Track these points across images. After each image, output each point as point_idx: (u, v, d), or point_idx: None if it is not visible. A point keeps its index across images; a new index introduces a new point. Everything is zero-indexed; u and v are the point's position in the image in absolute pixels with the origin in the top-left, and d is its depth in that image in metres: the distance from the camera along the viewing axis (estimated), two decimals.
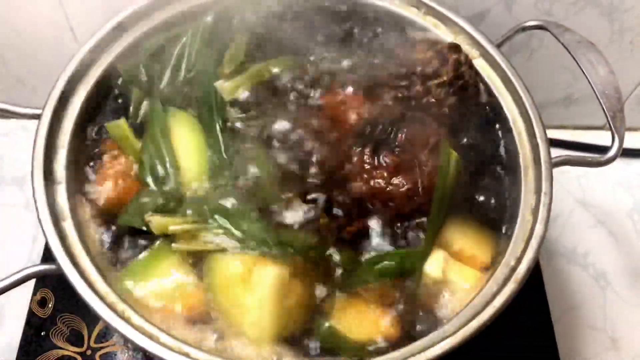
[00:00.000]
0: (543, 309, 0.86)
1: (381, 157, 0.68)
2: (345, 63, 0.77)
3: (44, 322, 0.80)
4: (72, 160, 0.66)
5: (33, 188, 0.61)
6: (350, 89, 0.73)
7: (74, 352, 0.79)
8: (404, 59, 0.73)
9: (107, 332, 0.80)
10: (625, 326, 0.92)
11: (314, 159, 0.67)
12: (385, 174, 0.67)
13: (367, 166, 0.68)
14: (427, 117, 0.71)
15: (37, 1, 0.90)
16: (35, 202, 0.61)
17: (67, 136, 0.66)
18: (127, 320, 0.57)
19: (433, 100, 0.70)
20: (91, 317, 0.81)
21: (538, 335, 0.84)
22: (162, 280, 0.63)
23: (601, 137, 1.10)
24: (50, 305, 0.81)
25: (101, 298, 0.57)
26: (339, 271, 0.64)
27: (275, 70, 0.75)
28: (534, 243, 0.62)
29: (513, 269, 0.61)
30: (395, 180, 0.67)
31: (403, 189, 0.67)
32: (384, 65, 0.74)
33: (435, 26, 0.79)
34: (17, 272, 0.59)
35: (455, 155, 0.68)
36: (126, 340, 0.55)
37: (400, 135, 0.69)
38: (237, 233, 0.64)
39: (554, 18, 0.91)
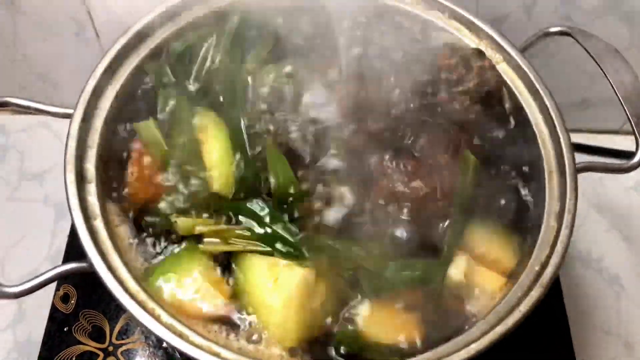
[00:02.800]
0: (561, 313, 0.86)
1: (401, 161, 0.69)
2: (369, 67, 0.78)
3: (67, 318, 0.81)
4: (101, 160, 0.66)
5: (66, 188, 0.62)
6: None
7: (96, 348, 0.79)
8: (428, 65, 0.73)
9: (129, 328, 0.81)
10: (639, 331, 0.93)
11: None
12: (405, 178, 0.68)
13: (388, 170, 0.69)
14: (449, 123, 0.72)
15: None
16: (68, 201, 0.61)
17: (96, 136, 0.67)
18: (157, 319, 0.57)
19: (457, 107, 0.71)
20: (112, 314, 0.81)
21: (556, 340, 0.84)
22: (189, 280, 0.63)
23: (616, 141, 1.11)
24: (72, 301, 0.82)
25: (132, 296, 0.58)
26: (363, 276, 0.65)
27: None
28: (559, 248, 0.63)
29: (538, 274, 0.62)
30: (414, 184, 0.68)
31: (422, 193, 0.67)
32: (408, 71, 0.74)
33: (458, 30, 0.80)
34: (50, 270, 0.59)
35: (474, 160, 0.69)
36: (157, 339, 0.55)
37: (421, 140, 0.70)
38: (264, 234, 0.65)
39: (573, 23, 0.91)
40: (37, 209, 0.99)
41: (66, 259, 0.86)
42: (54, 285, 0.83)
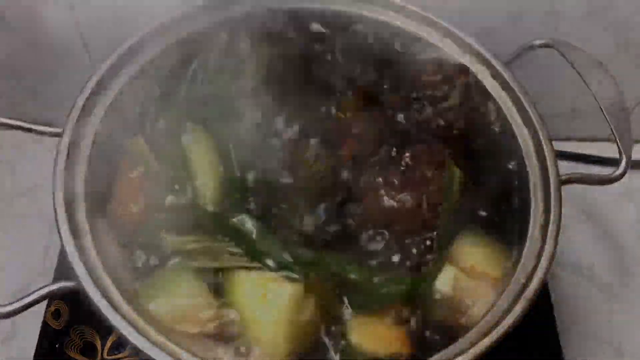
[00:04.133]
0: (549, 321, 0.87)
1: (388, 175, 0.69)
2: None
3: (58, 334, 0.81)
4: (90, 177, 0.67)
5: (54, 206, 0.62)
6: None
7: None
8: (413, 82, 0.74)
9: (120, 344, 0.81)
10: (630, 338, 0.93)
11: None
12: (392, 192, 0.69)
13: (375, 184, 0.70)
14: (434, 137, 0.73)
15: (50, 14, 0.92)
16: (56, 220, 0.62)
17: (85, 153, 0.67)
18: (147, 337, 0.58)
19: (443, 123, 0.72)
20: (104, 330, 0.81)
21: (545, 348, 0.85)
22: (178, 297, 0.64)
23: (606, 149, 1.11)
24: (64, 318, 0.82)
25: (122, 315, 0.58)
26: (351, 291, 0.65)
27: None
28: (544, 261, 0.63)
29: (524, 287, 0.62)
30: (401, 197, 0.68)
31: (409, 206, 0.68)
32: (394, 87, 0.75)
33: (444, 45, 0.80)
34: (39, 289, 0.59)
35: (459, 173, 0.69)
36: (146, 357, 0.56)
37: (406, 154, 0.70)
38: (253, 250, 0.65)
39: (559, 33, 0.92)
40: (30, 224, 0.99)
41: (57, 276, 0.86)
42: (45, 301, 0.83)
